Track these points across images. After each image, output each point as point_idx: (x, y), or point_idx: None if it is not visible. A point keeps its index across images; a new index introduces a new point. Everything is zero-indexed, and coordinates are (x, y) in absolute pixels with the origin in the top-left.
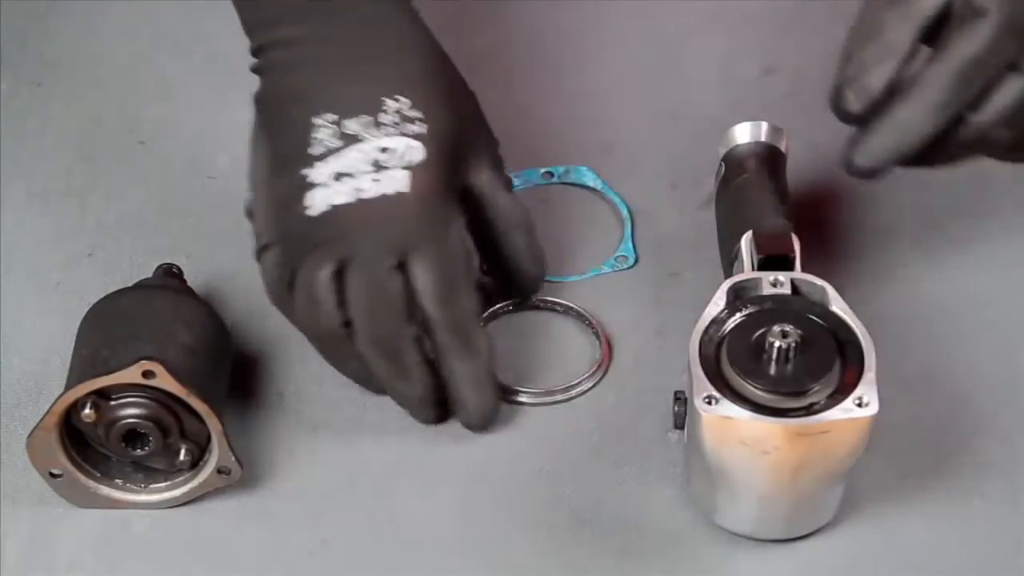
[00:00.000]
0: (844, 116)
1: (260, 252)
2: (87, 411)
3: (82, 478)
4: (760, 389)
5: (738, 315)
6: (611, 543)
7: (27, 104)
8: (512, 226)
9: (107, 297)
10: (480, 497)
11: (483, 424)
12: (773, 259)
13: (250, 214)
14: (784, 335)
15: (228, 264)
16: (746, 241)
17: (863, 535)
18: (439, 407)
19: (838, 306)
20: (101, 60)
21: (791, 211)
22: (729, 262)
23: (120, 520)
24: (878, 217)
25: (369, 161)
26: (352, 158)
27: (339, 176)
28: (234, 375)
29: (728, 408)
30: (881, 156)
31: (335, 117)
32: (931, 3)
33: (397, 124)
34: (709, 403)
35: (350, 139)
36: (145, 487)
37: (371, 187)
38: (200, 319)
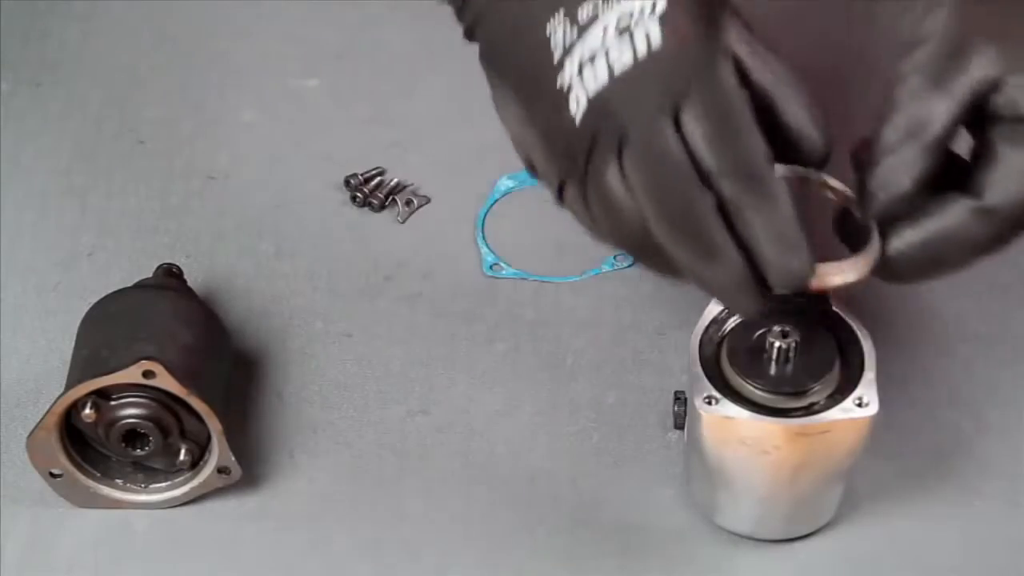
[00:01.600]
0: (875, 217)
1: (559, 197)
2: (87, 411)
3: (82, 478)
4: (760, 389)
5: (738, 315)
6: (611, 543)
7: (27, 104)
8: (786, 84)
9: (107, 297)
10: (480, 497)
11: (792, 287)
12: None
13: (532, 167)
14: (784, 335)
15: (228, 264)
16: None
17: (863, 535)
18: (762, 293)
19: (838, 306)
20: (101, 60)
21: None
22: None
23: (120, 520)
24: None
25: (614, 33)
26: (594, 38)
27: (586, 64)
28: (234, 375)
29: (728, 408)
30: (920, 272)
31: (564, 10)
32: (981, 88)
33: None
34: (709, 403)
35: (588, 24)
36: (145, 487)
37: (622, 57)
38: (200, 319)
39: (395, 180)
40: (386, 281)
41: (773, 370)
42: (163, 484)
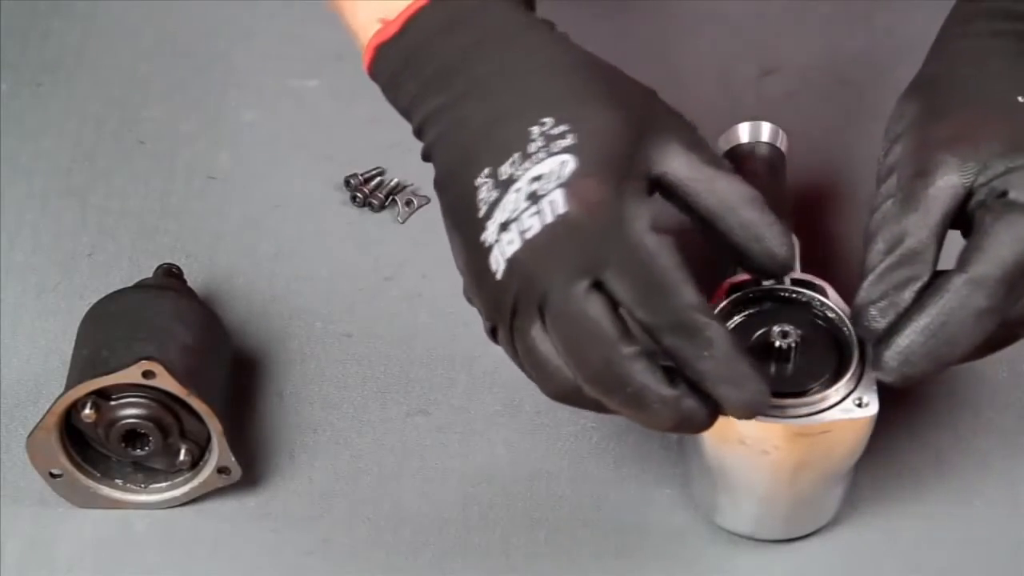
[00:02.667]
0: (868, 334)
1: (492, 336)
2: (87, 411)
3: (82, 478)
4: None
5: (738, 315)
6: (611, 543)
7: (27, 104)
8: (727, 207)
9: (107, 297)
10: (480, 497)
11: (752, 415)
12: None
13: (469, 301)
14: (784, 335)
15: (228, 264)
16: None
17: (863, 535)
18: (707, 411)
19: (838, 306)
20: (101, 60)
21: (791, 211)
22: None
23: (120, 520)
24: None
25: (525, 197)
26: (510, 202)
27: (504, 226)
28: (234, 375)
29: None
30: (921, 365)
31: (489, 169)
32: (950, 196)
33: (544, 147)
34: None
35: (505, 184)
36: (145, 487)
37: (533, 222)
38: (200, 319)
39: (395, 180)
40: (386, 281)
41: (773, 370)
42: (163, 484)
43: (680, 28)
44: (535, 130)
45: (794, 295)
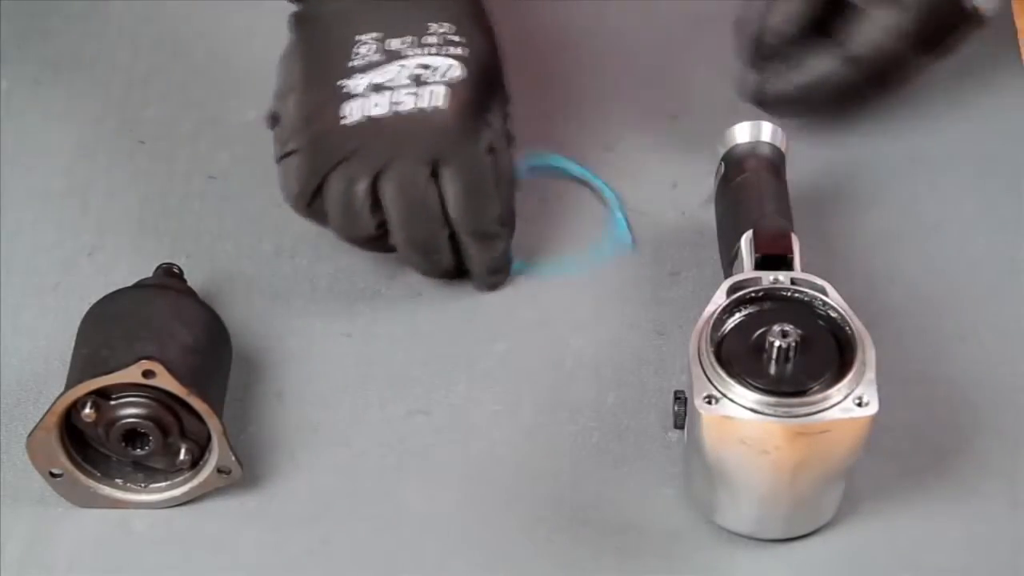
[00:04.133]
0: (762, 51)
1: (283, 157)
2: (87, 411)
3: (82, 478)
4: (760, 389)
5: (738, 315)
6: (611, 543)
7: (27, 103)
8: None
9: (107, 297)
10: (480, 497)
11: (489, 290)
12: (773, 259)
13: (273, 120)
14: (784, 335)
15: (228, 264)
16: (746, 241)
17: (863, 535)
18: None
19: (838, 306)
20: (101, 60)
21: (791, 211)
22: (729, 262)
23: (120, 520)
24: (878, 217)
25: (409, 76)
26: (392, 71)
27: (377, 88)
28: (234, 375)
29: (728, 408)
30: (797, 106)
31: (379, 35)
32: None
33: (440, 45)
34: (709, 403)
35: (392, 55)
36: (145, 487)
37: (408, 100)
38: (200, 319)
39: None
40: (386, 281)
41: (773, 370)
42: (163, 484)
43: (680, 28)
44: (435, 27)
45: (794, 295)
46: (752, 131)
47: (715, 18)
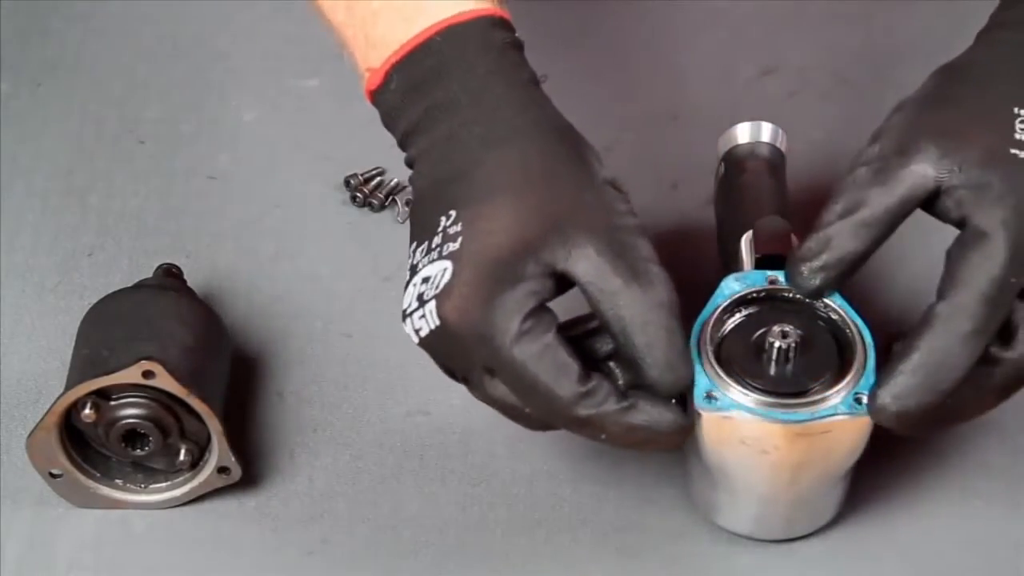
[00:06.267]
0: (799, 289)
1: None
2: (87, 411)
3: (82, 478)
4: (760, 389)
5: (738, 315)
6: (611, 543)
7: (27, 104)
8: (624, 325)
9: (107, 297)
10: (480, 497)
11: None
12: (773, 259)
13: None
14: (784, 335)
15: (228, 264)
16: (746, 241)
17: (863, 535)
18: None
19: (838, 306)
20: (101, 60)
21: (790, 211)
22: (729, 261)
23: (120, 520)
24: None
25: (415, 297)
26: (409, 294)
27: (404, 315)
28: (234, 375)
29: (728, 408)
30: (917, 397)
31: (414, 245)
32: (919, 185)
33: (439, 247)
34: (709, 403)
35: (412, 271)
36: (145, 487)
37: (422, 324)
38: (200, 319)
39: (395, 180)
40: (386, 281)
41: (773, 370)
42: (163, 484)
43: (680, 28)
44: (443, 222)
45: (795, 295)
46: (752, 131)
47: (715, 18)
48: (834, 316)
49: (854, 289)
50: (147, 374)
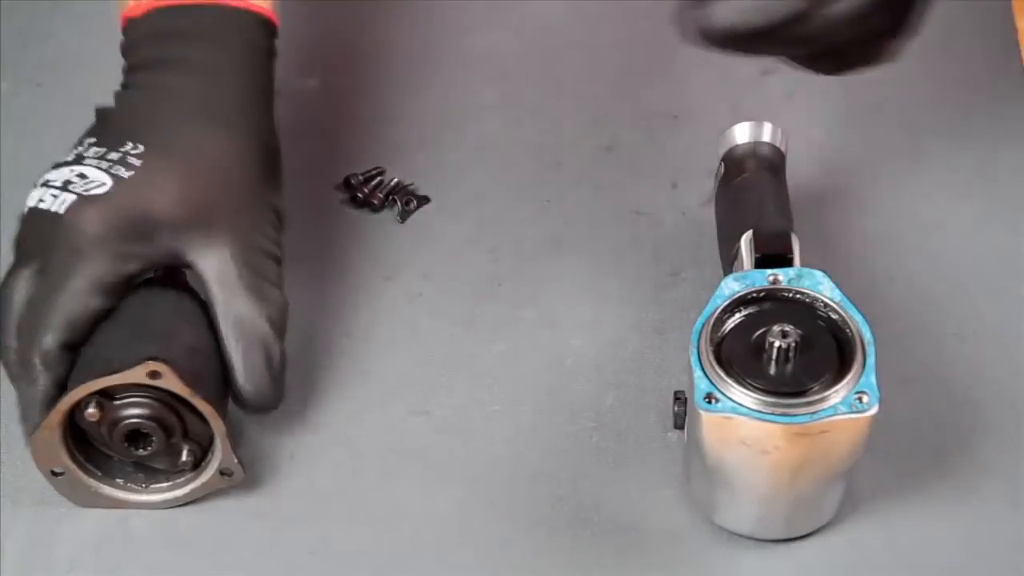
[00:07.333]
0: None
1: None
2: (91, 410)
3: (83, 477)
4: (760, 389)
5: (738, 315)
6: (611, 543)
7: (27, 104)
8: (233, 327)
9: None
10: (480, 497)
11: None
12: (772, 259)
13: None
14: (784, 335)
15: None
16: (746, 241)
17: (863, 535)
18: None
19: (838, 305)
20: (101, 60)
21: (790, 211)
22: (729, 262)
23: (120, 520)
24: (878, 217)
25: (63, 180)
26: (58, 172)
27: (44, 183)
28: None
29: (728, 408)
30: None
31: (93, 139)
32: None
33: (115, 161)
34: (709, 403)
35: (77, 158)
36: (146, 487)
37: (50, 202)
38: (202, 319)
39: (395, 180)
40: (386, 281)
41: (773, 370)
42: (164, 484)
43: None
44: (128, 145)
45: (795, 295)
46: (752, 131)
47: None
48: (834, 316)
49: (854, 289)
50: (153, 374)
